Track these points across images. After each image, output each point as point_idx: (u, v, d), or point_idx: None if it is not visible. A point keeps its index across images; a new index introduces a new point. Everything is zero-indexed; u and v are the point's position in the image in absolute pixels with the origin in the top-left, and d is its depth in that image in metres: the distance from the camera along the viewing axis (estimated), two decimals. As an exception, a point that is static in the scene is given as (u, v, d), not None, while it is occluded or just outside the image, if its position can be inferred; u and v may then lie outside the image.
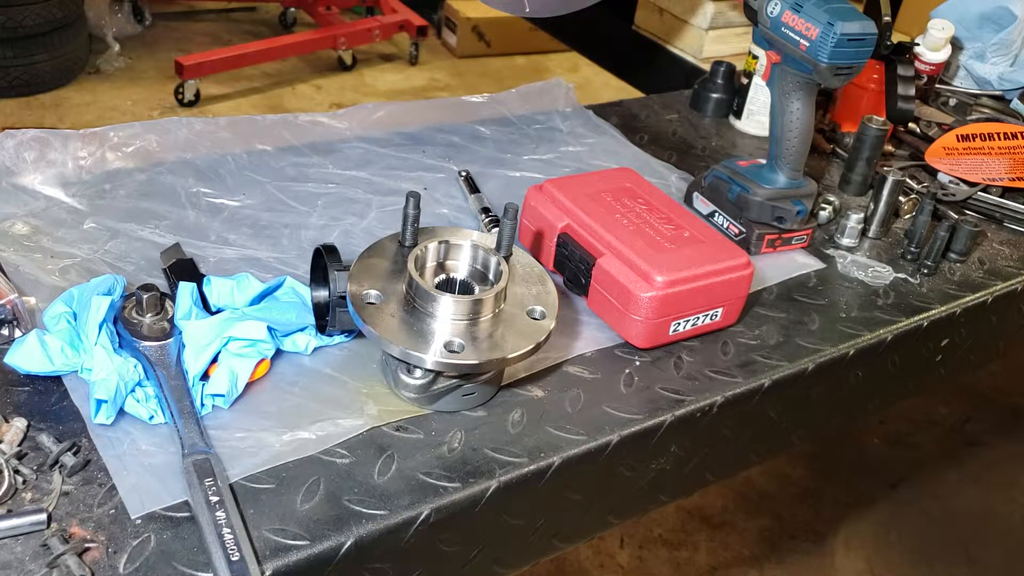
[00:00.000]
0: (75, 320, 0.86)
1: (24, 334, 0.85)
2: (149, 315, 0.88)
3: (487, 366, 0.85)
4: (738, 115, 1.59)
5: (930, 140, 1.53)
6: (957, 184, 1.44)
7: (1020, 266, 1.30)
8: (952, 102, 1.73)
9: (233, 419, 0.84)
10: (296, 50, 3.86)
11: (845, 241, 1.28)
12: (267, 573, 0.71)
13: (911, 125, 1.58)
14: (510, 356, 0.85)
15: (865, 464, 2.52)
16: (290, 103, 3.75)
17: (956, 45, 1.77)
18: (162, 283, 0.99)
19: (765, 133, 1.32)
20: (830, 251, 1.26)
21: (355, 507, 0.77)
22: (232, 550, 0.69)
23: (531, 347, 0.86)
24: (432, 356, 0.83)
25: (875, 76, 1.48)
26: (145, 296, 0.87)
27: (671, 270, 0.98)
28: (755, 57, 1.53)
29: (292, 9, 4.33)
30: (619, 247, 1.02)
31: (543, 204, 1.10)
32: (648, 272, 0.98)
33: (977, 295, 1.22)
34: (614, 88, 2.71)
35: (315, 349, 0.94)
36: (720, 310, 1.03)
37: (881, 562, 2.22)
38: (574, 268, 1.05)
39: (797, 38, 1.11)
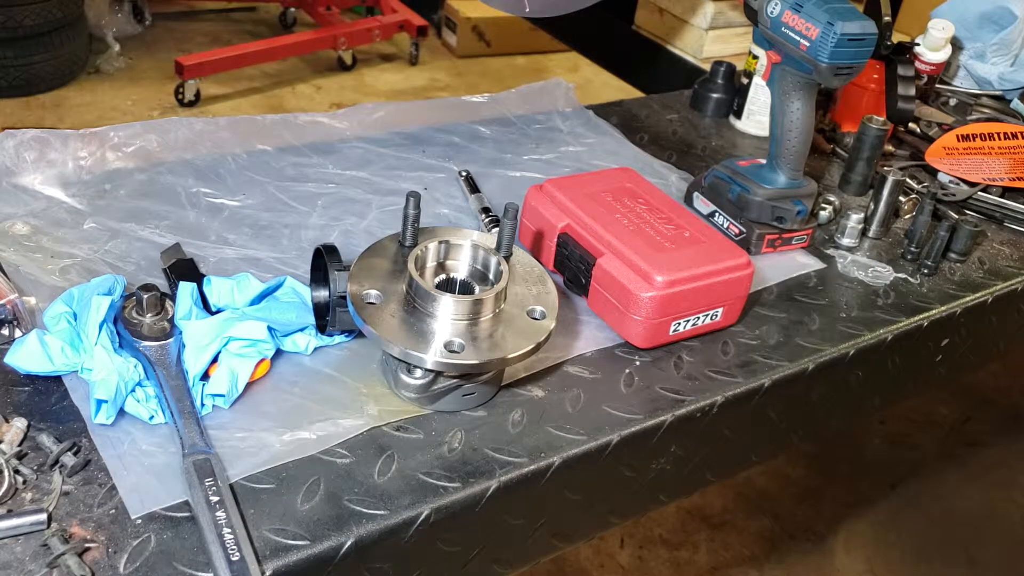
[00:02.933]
0: (75, 320, 0.86)
1: (24, 334, 0.85)
2: (149, 315, 0.88)
3: (487, 366, 0.85)
4: (738, 115, 1.59)
5: (930, 140, 1.53)
6: (957, 184, 1.44)
7: (1020, 266, 1.30)
8: (952, 102, 1.73)
9: (233, 419, 0.84)
10: (296, 50, 3.86)
11: (845, 241, 1.28)
12: (267, 573, 0.71)
13: (911, 125, 1.58)
14: (510, 356, 0.85)
15: (865, 464, 2.52)
16: (290, 103, 3.75)
17: (956, 45, 1.77)
18: (162, 283, 0.99)
19: (765, 133, 1.32)
20: (830, 251, 1.26)
21: (355, 507, 0.77)
22: (232, 550, 0.69)
23: (531, 347, 0.86)
24: (432, 356, 0.83)
25: (875, 76, 1.48)
26: (145, 296, 0.87)
27: (671, 270, 0.98)
28: (755, 57, 1.53)
29: (292, 9, 4.33)
30: (619, 247, 1.02)
31: (543, 204, 1.10)
32: (648, 272, 0.98)
33: (977, 295, 1.22)
34: (614, 88, 2.71)
35: (315, 349, 0.94)
36: (720, 310, 1.03)
37: (881, 562, 2.22)
38: (574, 268, 1.06)
39: (797, 38, 1.11)
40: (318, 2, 4.14)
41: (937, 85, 1.71)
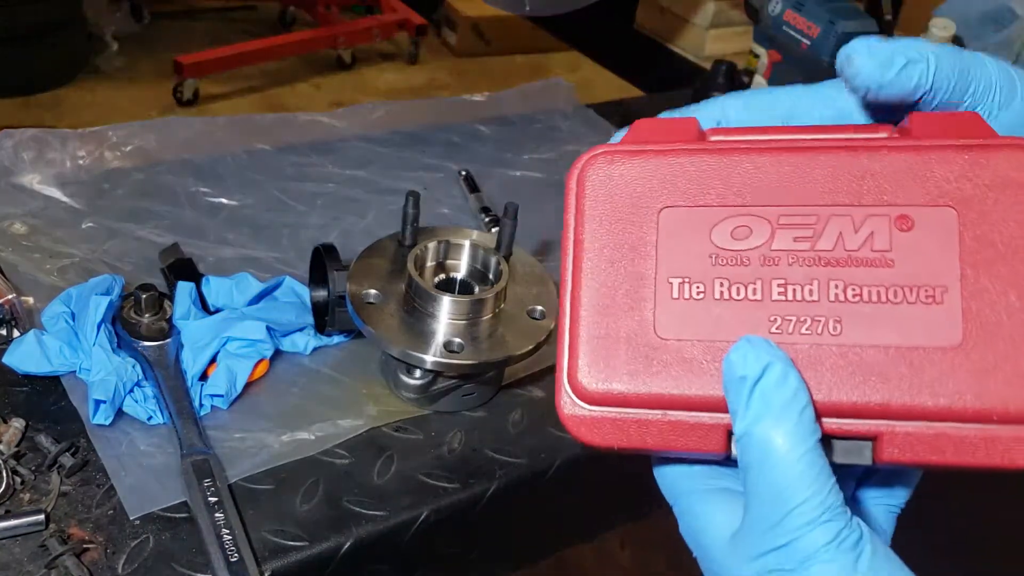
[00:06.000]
0: (73, 320, 0.85)
1: (22, 334, 0.85)
2: (147, 315, 0.88)
3: (487, 366, 0.85)
4: (738, 114, 1.59)
5: (931, 139, 1.52)
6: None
7: (1021, 266, 1.30)
8: (953, 101, 1.73)
9: (232, 419, 0.84)
10: (295, 49, 3.86)
11: (846, 241, 1.27)
12: (266, 574, 0.71)
13: (912, 124, 1.57)
14: (510, 356, 0.84)
15: (865, 464, 2.52)
16: (289, 102, 3.74)
17: (957, 44, 1.77)
18: (161, 283, 0.98)
19: (766, 132, 1.32)
20: (831, 251, 1.26)
21: (354, 508, 0.77)
22: (231, 551, 0.69)
23: (531, 347, 0.86)
24: (432, 356, 0.82)
25: (876, 75, 1.48)
26: (144, 296, 0.87)
27: None
28: (756, 56, 1.52)
29: (291, 8, 4.33)
30: None
31: None
32: None
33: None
34: (615, 87, 2.70)
35: (314, 349, 0.93)
36: None
37: (881, 562, 2.22)
38: None
39: (799, 37, 1.11)
40: (317, 1, 4.14)
41: (938, 84, 1.71)
